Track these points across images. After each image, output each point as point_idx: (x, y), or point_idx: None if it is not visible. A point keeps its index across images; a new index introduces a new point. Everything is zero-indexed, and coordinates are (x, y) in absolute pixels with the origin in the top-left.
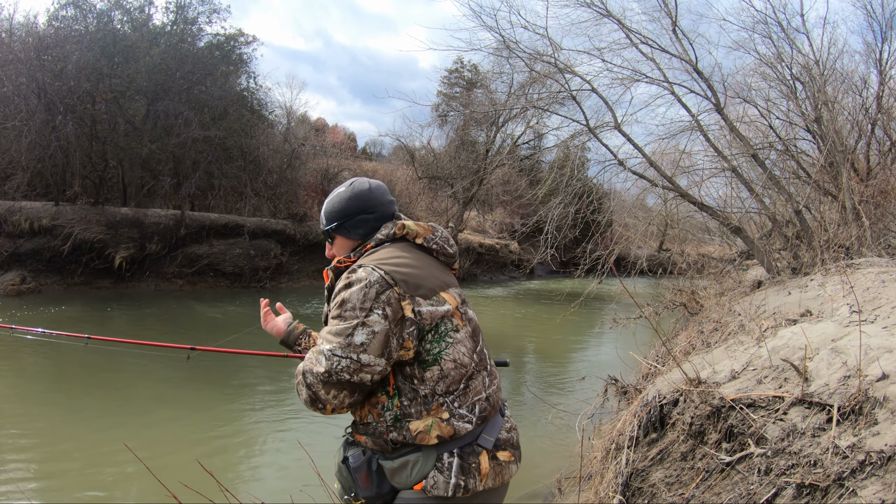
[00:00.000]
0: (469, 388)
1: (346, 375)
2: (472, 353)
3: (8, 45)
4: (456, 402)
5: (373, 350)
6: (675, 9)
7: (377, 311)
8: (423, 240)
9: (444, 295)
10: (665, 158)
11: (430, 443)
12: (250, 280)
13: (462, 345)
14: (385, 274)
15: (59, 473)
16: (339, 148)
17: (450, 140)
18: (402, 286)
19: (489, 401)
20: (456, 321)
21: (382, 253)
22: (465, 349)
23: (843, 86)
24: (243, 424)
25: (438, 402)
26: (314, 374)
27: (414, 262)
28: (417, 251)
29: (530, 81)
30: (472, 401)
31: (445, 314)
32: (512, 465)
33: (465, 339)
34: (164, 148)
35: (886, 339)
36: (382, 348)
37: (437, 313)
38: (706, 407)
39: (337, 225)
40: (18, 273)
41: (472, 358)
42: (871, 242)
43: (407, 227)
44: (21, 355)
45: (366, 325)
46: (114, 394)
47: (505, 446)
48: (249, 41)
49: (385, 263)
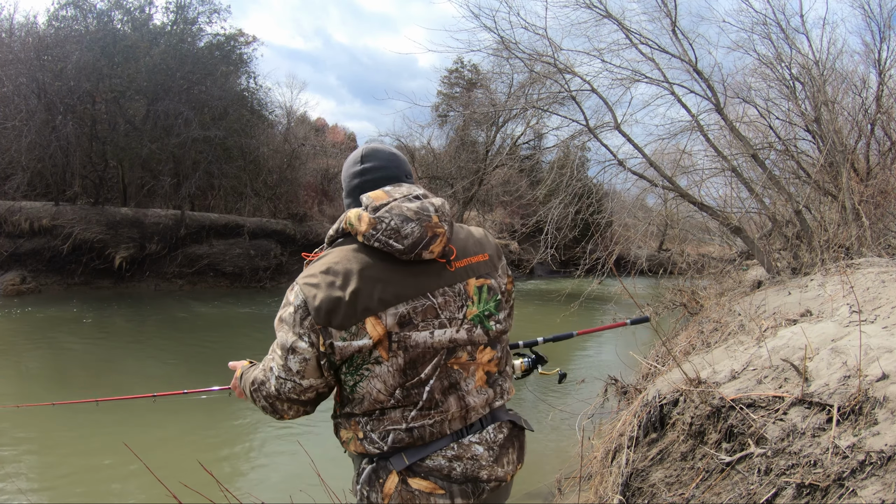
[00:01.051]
0: (384, 416)
1: (294, 395)
2: (395, 388)
3: (8, 45)
4: (369, 425)
5: (310, 374)
6: (674, 9)
7: (304, 338)
8: (363, 237)
9: (369, 322)
10: (665, 158)
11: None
12: (250, 280)
13: (379, 379)
14: (304, 298)
15: (59, 473)
16: (339, 148)
17: (450, 140)
18: (314, 315)
19: (412, 433)
20: (378, 353)
21: (324, 260)
22: (382, 385)
23: (842, 86)
24: (243, 424)
25: (356, 420)
26: (266, 390)
27: (342, 277)
28: (368, 252)
29: (530, 82)
30: (386, 428)
31: (361, 349)
32: (437, 498)
33: (386, 374)
34: (164, 148)
35: (886, 339)
36: (319, 371)
37: (350, 349)
38: (706, 407)
39: (346, 193)
40: (18, 273)
41: (393, 394)
42: (871, 242)
43: (349, 221)
44: (21, 355)
45: (296, 352)
46: (114, 393)
47: (430, 476)
48: (249, 41)
49: (310, 281)
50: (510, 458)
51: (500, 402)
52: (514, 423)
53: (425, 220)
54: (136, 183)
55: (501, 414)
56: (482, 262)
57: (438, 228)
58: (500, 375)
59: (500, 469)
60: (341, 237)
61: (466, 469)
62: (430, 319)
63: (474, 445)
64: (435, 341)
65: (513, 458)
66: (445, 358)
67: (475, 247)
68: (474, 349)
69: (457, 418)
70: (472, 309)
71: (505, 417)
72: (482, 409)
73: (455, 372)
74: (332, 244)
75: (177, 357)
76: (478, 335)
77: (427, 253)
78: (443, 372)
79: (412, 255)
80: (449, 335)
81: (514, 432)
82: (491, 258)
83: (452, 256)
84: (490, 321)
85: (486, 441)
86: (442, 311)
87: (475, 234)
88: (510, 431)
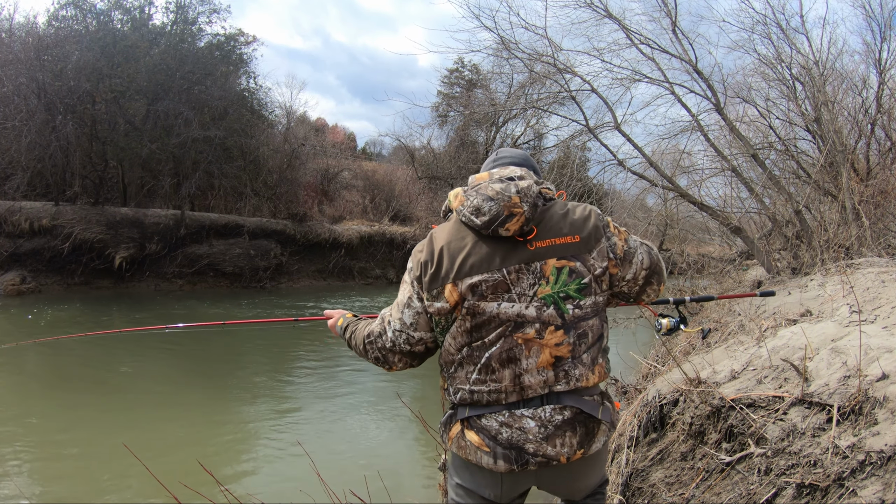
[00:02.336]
0: (455, 374)
1: (406, 346)
2: (462, 346)
3: (8, 45)
4: (448, 380)
5: (421, 327)
6: (674, 9)
7: (415, 296)
8: (456, 212)
9: (447, 288)
10: (665, 158)
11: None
12: (250, 280)
13: (451, 335)
14: (414, 262)
15: (59, 474)
16: (339, 148)
17: (450, 140)
18: (418, 277)
19: (472, 395)
20: (454, 314)
21: (433, 231)
22: (453, 341)
23: (842, 86)
24: (243, 424)
25: (442, 372)
26: (381, 342)
27: (436, 248)
28: (460, 226)
29: (530, 82)
30: (456, 386)
31: (440, 310)
32: (482, 454)
33: (457, 332)
34: (164, 148)
35: (886, 339)
36: (428, 325)
37: (432, 308)
38: (706, 407)
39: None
40: (18, 273)
41: (460, 351)
42: (871, 242)
43: (448, 197)
44: (21, 355)
45: (410, 307)
46: (113, 394)
47: (481, 433)
48: (249, 41)
49: (419, 248)
50: (566, 441)
51: (561, 386)
52: (584, 410)
53: (504, 200)
54: (136, 183)
55: (567, 398)
56: (569, 243)
57: (516, 208)
58: (573, 361)
59: (549, 447)
60: (448, 212)
61: (512, 437)
62: (500, 293)
63: (525, 419)
64: (500, 312)
65: (570, 442)
66: (511, 330)
67: (567, 228)
68: (543, 328)
69: (511, 392)
70: (545, 288)
71: (570, 402)
72: (540, 388)
73: (517, 347)
74: (445, 217)
75: (177, 357)
76: (548, 315)
77: (503, 230)
78: (506, 343)
79: (489, 231)
80: (517, 310)
81: (581, 418)
82: (583, 241)
83: (531, 236)
84: (567, 303)
85: (539, 418)
86: (513, 286)
87: (575, 214)
88: (574, 416)
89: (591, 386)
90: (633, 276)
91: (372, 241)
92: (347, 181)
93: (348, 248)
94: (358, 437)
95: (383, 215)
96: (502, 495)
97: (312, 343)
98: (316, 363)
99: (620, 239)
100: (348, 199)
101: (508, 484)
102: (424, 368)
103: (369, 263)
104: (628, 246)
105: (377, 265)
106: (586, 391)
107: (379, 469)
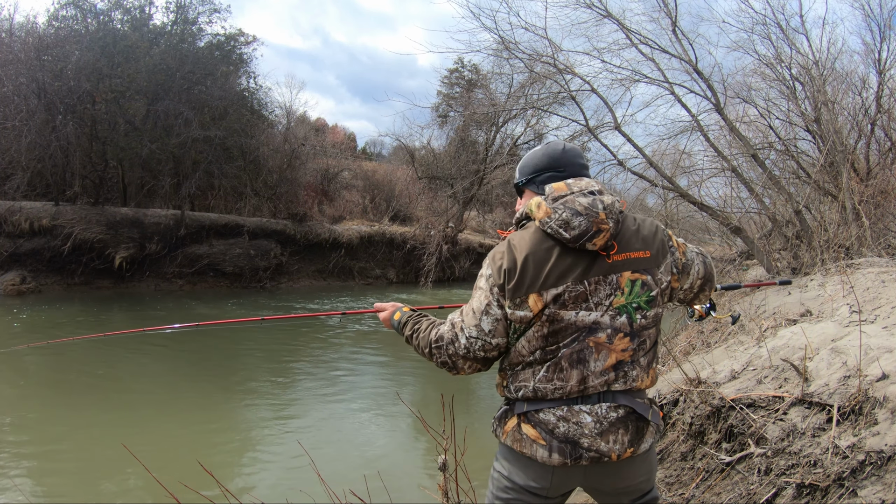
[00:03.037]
0: (520, 373)
1: (481, 353)
2: (535, 349)
3: (8, 45)
4: (511, 377)
5: (499, 333)
6: (674, 9)
7: (494, 302)
8: (539, 223)
9: (531, 298)
10: (665, 158)
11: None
12: (250, 280)
13: (525, 339)
14: (492, 269)
15: (58, 474)
16: (339, 148)
17: (450, 140)
18: (498, 284)
19: (536, 392)
20: (534, 322)
21: (509, 239)
22: (526, 344)
23: (842, 86)
24: (243, 424)
25: (504, 370)
26: (454, 348)
27: (518, 257)
28: (542, 235)
29: (530, 82)
30: (519, 383)
31: (522, 318)
32: (538, 447)
33: (532, 336)
34: (164, 148)
35: (886, 339)
36: (505, 332)
37: (514, 317)
38: (706, 407)
39: (527, 180)
40: (18, 273)
41: (533, 353)
42: (871, 242)
43: (529, 207)
44: (20, 355)
45: (489, 314)
46: (113, 394)
47: (538, 426)
48: (249, 41)
49: (497, 255)
50: (619, 438)
51: (619, 386)
52: (636, 410)
53: (593, 216)
54: (136, 183)
55: (621, 397)
56: (642, 258)
57: (604, 225)
58: (632, 364)
59: (603, 443)
60: (525, 220)
61: (569, 431)
62: (580, 303)
63: (583, 414)
64: (578, 320)
65: (622, 440)
66: (585, 335)
67: (639, 243)
68: (614, 334)
69: (574, 391)
70: (620, 299)
71: (624, 401)
72: (600, 387)
73: (588, 349)
74: (518, 225)
75: (177, 357)
76: (620, 323)
77: (590, 245)
78: (578, 345)
79: (577, 245)
80: (593, 318)
81: (633, 418)
82: (653, 256)
83: (613, 251)
84: (637, 314)
85: (595, 414)
86: (592, 296)
87: (644, 230)
88: (626, 415)
89: (643, 388)
90: (690, 286)
91: (372, 241)
92: (347, 181)
93: (348, 248)
94: (358, 436)
95: (383, 215)
96: (550, 489)
97: (313, 343)
98: (316, 363)
99: (680, 252)
100: (348, 199)
101: (559, 478)
102: (425, 369)
103: (369, 263)
104: (686, 259)
105: (377, 265)
106: (639, 393)
107: (379, 469)
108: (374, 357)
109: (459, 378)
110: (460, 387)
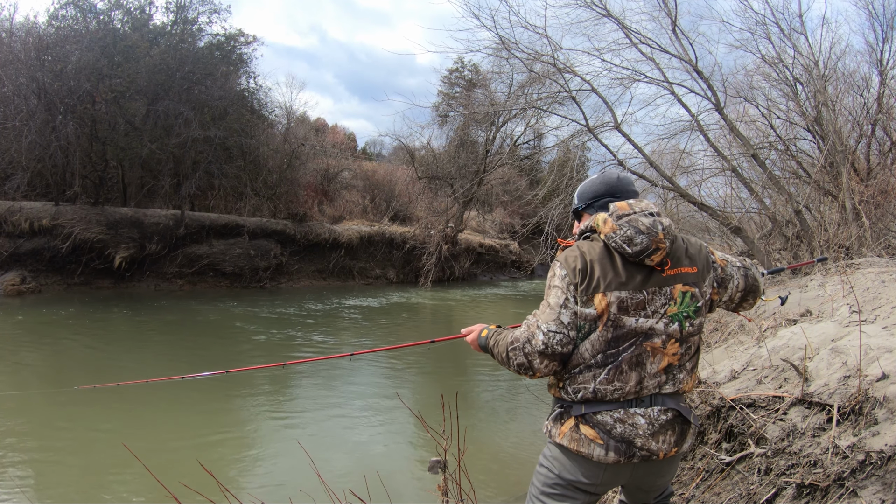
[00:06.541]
0: (580, 376)
1: (559, 348)
2: (598, 353)
3: (8, 45)
4: (568, 380)
5: (575, 327)
6: (674, 8)
7: (570, 298)
8: (604, 237)
9: (597, 297)
10: (665, 158)
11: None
12: (250, 280)
13: (589, 342)
14: (567, 269)
15: (59, 474)
16: (339, 148)
17: (450, 140)
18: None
19: (595, 394)
20: (598, 324)
21: (578, 245)
22: (590, 347)
23: (844, 86)
24: (243, 425)
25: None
26: (532, 345)
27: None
28: (606, 248)
29: (530, 81)
30: (578, 386)
31: (587, 316)
32: (596, 446)
33: (596, 340)
34: (164, 148)
35: (886, 339)
36: (578, 327)
37: (582, 314)
38: (706, 407)
39: (587, 205)
40: (18, 273)
41: (595, 357)
42: (871, 242)
43: (596, 222)
44: (20, 356)
45: (567, 308)
46: (112, 394)
47: (596, 427)
48: (249, 41)
49: (570, 258)
50: (667, 438)
51: (669, 388)
52: (681, 412)
53: (653, 235)
54: (136, 183)
55: (669, 400)
56: (690, 273)
57: (661, 244)
58: (679, 368)
59: (653, 443)
60: (588, 233)
61: (625, 431)
62: (639, 310)
63: (637, 416)
64: (637, 326)
65: (669, 440)
66: (643, 340)
67: (687, 260)
68: (667, 340)
69: (631, 393)
70: (672, 308)
71: (671, 404)
72: (652, 389)
73: (645, 353)
74: (581, 237)
75: (178, 357)
76: (673, 330)
77: (648, 260)
78: (637, 349)
79: (637, 259)
80: (650, 324)
81: (678, 420)
82: (700, 271)
83: (668, 266)
84: (686, 322)
85: (648, 416)
86: (649, 305)
87: (692, 248)
88: (674, 417)
89: (688, 390)
90: (730, 297)
91: (372, 241)
92: (347, 181)
93: (348, 248)
94: (358, 437)
95: (383, 215)
96: (599, 485)
97: (313, 343)
98: (316, 363)
99: (720, 267)
100: (348, 199)
101: (610, 474)
102: (425, 370)
103: (369, 263)
104: (725, 273)
105: (377, 265)
106: (682, 396)
107: (379, 469)
108: (374, 357)
109: (459, 378)
110: (460, 387)
